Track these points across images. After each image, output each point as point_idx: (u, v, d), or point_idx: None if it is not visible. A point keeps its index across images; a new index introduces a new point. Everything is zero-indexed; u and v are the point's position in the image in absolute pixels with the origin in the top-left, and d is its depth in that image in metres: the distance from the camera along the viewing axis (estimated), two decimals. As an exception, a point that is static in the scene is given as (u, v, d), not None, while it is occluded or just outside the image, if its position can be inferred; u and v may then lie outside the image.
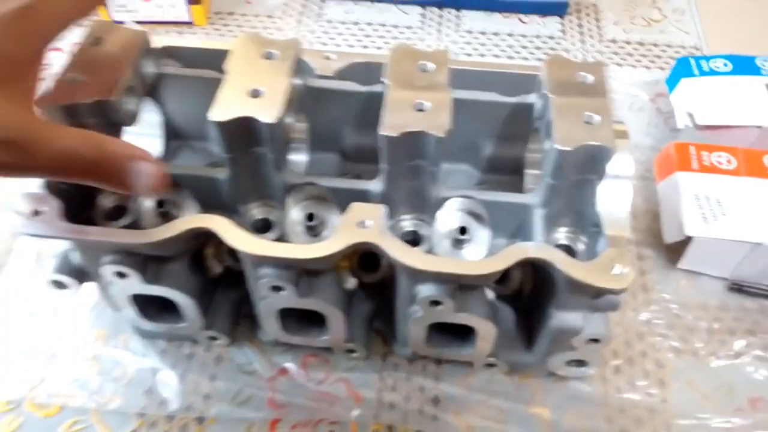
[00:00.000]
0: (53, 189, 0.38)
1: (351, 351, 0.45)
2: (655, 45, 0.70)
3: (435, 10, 0.74)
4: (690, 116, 0.56)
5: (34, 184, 0.38)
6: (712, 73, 0.58)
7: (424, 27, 0.72)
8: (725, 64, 0.59)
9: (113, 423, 0.44)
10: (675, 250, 0.51)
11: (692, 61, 0.60)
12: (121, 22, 0.42)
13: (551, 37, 0.71)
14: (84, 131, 0.31)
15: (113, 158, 0.30)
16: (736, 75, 0.58)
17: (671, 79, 0.60)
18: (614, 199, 0.38)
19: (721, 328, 0.48)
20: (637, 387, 0.45)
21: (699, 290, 0.50)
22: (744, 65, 0.59)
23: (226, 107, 0.37)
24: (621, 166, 0.37)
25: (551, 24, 0.73)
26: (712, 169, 0.50)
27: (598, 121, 0.36)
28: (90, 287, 0.43)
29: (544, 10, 0.73)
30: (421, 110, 0.37)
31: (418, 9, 0.74)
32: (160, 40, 0.44)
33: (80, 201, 0.42)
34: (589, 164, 0.37)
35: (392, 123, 0.37)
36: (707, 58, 0.60)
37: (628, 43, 0.70)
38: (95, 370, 0.46)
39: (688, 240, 0.48)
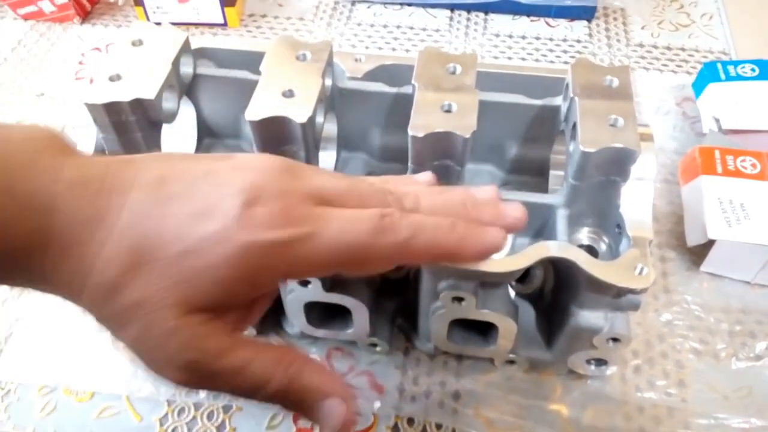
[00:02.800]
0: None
1: (374, 345, 0.46)
2: (683, 50, 0.70)
3: (463, 13, 0.75)
4: (716, 120, 0.56)
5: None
6: (739, 78, 0.58)
7: (452, 30, 0.73)
8: (753, 69, 0.59)
9: (143, 409, 0.45)
10: (698, 254, 0.51)
11: (719, 66, 0.60)
12: (158, 24, 0.43)
13: (578, 41, 0.71)
14: (282, 351, 0.28)
15: (304, 393, 0.28)
16: (764, 80, 0.58)
17: (698, 84, 0.61)
18: (637, 200, 0.38)
19: (743, 330, 0.48)
20: (656, 387, 0.45)
21: (721, 293, 0.50)
22: (772, 71, 0.58)
23: (260, 107, 0.38)
24: (644, 169, 0.38)
25: (578, 28, 0.73)
26: (737, 174, 0.50)
27: (623, 124, 0.37)
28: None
29: (571, 14, 0.74)
30: (448, 111, 0.38)
31: (446, 12, 0.75)
32: (194, 41, 0.45)
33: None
34: (612, 166, 0.37)
35: (420, 123, 0.38)
36: (735, 63, 0.60)
37: (655, 47, 0.71)
38: (127, 359, 0.47)
39: (711, 243, 0.48)
